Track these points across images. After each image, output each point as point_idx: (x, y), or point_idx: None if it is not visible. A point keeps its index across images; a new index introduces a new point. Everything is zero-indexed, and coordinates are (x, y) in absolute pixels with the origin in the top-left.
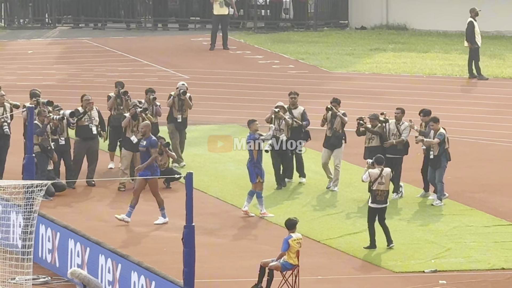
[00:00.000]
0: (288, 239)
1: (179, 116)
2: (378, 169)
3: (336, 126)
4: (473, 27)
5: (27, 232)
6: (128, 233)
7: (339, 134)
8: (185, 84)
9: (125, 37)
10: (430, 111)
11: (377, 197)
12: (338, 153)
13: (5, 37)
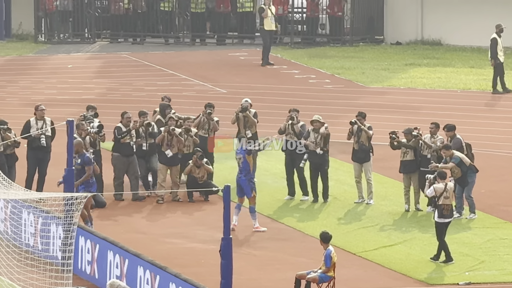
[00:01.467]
0: (330, 253)
1: (247, 133)
2: (442, 184)
3: (362, 139)
4: (496, 43)
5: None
6: (166, 245)
7: (366, 147)
8: (249, 100)
9: (163, 52)
10: (454, 126)
11: (443, 211)
12: (367, 167)
13: (45, 52)
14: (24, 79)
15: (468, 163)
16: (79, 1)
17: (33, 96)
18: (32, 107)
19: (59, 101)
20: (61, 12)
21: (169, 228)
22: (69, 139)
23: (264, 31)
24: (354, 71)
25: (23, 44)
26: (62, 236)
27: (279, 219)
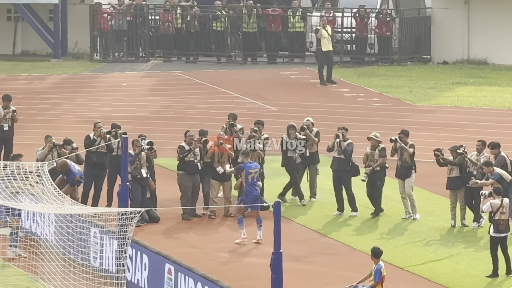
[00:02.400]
0: (381, 268)
1: (306, 151)
2: (499, 200)
3: (405, 157)
4: None
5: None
6: (218, 259)
7: (408, 164)
8: (310, 119)
9: (216, 70)
10: (498, 143)
11: (499, 227)
12: (409, 183)
13: (100, 70)
14: (80, 96)
15: (509, 180)
16: (133, 20)
17: (88, 114)
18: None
19: (114, 118)
20: (116, 31)
21: (221, 242)
22: (123, 155)
23: (321, 51)
24: (401, 90)
25: (79, 62)
26: (116, 250)
27: (328, 234)
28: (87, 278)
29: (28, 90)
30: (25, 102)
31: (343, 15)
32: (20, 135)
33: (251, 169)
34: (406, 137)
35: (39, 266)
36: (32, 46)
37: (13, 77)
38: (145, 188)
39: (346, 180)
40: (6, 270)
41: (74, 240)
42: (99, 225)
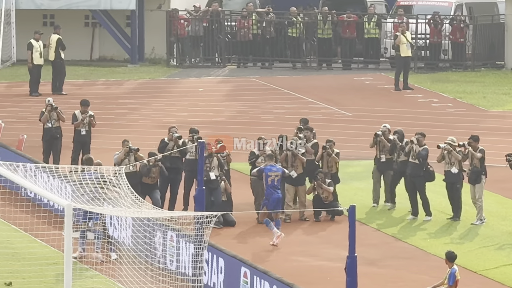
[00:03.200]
0: (455, 272)
1: (382, 157)
2: None
3: (474, 162)
4: None
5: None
6: (293, 263)
7: (478, 169)
8: (387, 126)
9: (291, 76)
10: None
11: None
12: (478, 188)
13: (177, 76)
14: (157, 101)
15: None
16: (210, 26)
17: (165, 118)
18: (163, 129)
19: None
20: (193, 37)
21: (296, 246)
22: (199, 160)
23: (399, 57)
24: (475, 95)
25: (156, 68)
26: (193, 253)
27: (402, 238)
28: (164, 281)
29: (105, 95)
30: (103, 107)
31: (417, 21)
32: (97, 140)
33: (271, 172)
34: (475, 143)
35: (117, 269)
36: (110, 51)
37: (91, 83)
38: (216, 191)
39: (420, 185)
40: (84, 273)
41: (150, 244)
42: (175, 228)
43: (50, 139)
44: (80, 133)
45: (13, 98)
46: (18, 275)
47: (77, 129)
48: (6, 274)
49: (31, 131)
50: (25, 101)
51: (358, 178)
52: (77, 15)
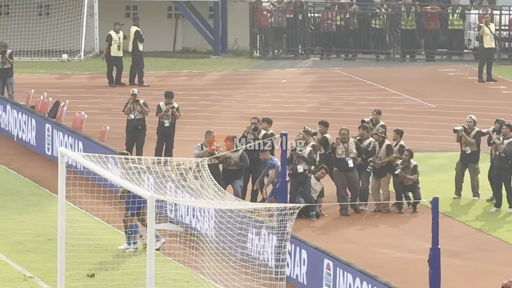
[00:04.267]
0: None
1: (467, 149)
2: None
3: None
4: None
5: (280, 252)
6: (376, 255)
7: None
8: (473, 117)
9: (374, 68)
10: None
11: None
12: None
13: (260, 67)
14: (239, 93)
15: None
16: (293, 18)
17: (247, 110)
18: (246, 121)
19: (273, 115)
20: (276, 28)
21: (379, 238)
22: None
23: (482, 49)
24: None
25: (239, 59)
26: (276, 245)
27: (486, 230)
28: (246, 273)
29: (188, 87)
30: (185, 98)
31: (501, 13)
32: (180, 131)
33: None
34: None
35: (199, 261)
36: (193, 43)
37: (174, 74)
38: (305, 185)
39: (506, 177)
40: (166, 265)
41: (233, 235)
42: (258, 220)
43: (133, 130)
44: (163, 124)
45: (95, 90)
46: (101, 267)
47: (161, 121)
48: (89, 265)
49: (114, 122)
50: (108, 92)
51: (442, 170)
52: (160, 7)
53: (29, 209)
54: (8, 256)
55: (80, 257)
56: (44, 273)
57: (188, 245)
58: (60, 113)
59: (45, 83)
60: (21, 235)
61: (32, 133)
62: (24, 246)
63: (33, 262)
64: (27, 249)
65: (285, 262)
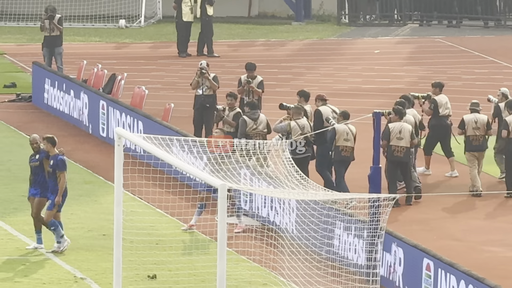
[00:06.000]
0: None
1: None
2: None
3: None
4: None
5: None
6: (484, 254)
7: None
8: None
9: (482, 36)
10: None
11: None
12: None
13: (349, 35)
14: (325, 65)
15: None
16: None
17: (334, 85)
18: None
19: (364, 91)
20: None
21: (487, 234)
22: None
23: None
24: None
25: (324, 26)
26: (367, 242)
27: None
28: (333, 274)
29: (265, 58)
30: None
31: None
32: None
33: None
34: None
35: (278, 260)
36: (271, 7)
37: (249, 43)
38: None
39: None
40: (240, 265)
41: (318, 231)
42: (347, 213)
43: (200, 108)
44: (243, 101)
45: (158, 61)
46: (163, 267)
47: (242, 97)
48: (150, 265)
49: (179, 99)
50: (173, 64)
51: None
52: None
53: (80, 200)
54: (56, 255)
55: (140, 256)
56: (98, 273)
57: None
58: (116, 88)
59: (99, 53)
60: (72, 229)
61: (84, 111)
62: (75, 242)
63: (85, 261)
64: (78, 246)
65: (378, 262)
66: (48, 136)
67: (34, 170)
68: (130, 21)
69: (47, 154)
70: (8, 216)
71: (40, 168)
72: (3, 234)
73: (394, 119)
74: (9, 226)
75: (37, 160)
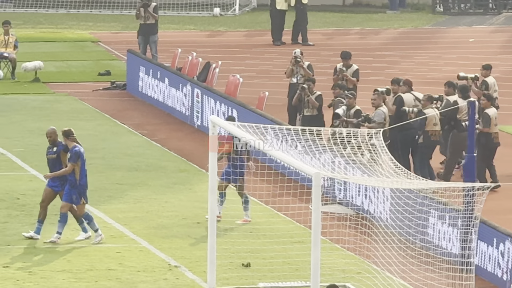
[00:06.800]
0: None
1: None
2: None
3: None
4: None
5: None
6: None
7: None
8: None
9: None
10: None
11: None
12: None
13: (443, 24)
14: (420, 54)
15: None
16: None
17: (429, 74)
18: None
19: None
20: None
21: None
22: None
23: None
24: None
25: (419, 15)
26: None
27: None
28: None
29: (360, 46)
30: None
31: None
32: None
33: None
34: None
35: (372, 249)
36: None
37: (343, 31)
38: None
39: None
40: (334, 253)
41: (412, 219)
42: (441, 202)
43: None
44: None
45: (252, 49)
46: (257, 255)
47: None
48: (244, 253)
49: (273, 87)
50: (267, 52)
51: None
52: None
53: (174, 188)
54: (150, 242)
55: (234, 244)
56: (192, 261)
57: (359, 231)
58: (211, 76)
59: (194, 41)
60: (166, 217)
61: (179, 99)
62: (169, 230)
63: (179, 249)
64: (172, 234)
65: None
66: (63, 130)
67: (51, 162)
68: (225, 9)
69: (66, 147)
70: (102, 204)
71: (57, 161)
72: (98, 222)
73: (486, 105)
74: (103, 214)
75: (54, 153)
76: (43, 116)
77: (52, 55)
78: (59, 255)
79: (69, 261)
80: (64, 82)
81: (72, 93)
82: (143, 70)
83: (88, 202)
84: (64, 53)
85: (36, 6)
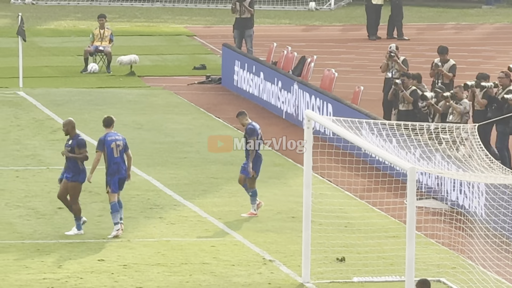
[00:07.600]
0: None
1: None
2: None
3: None
4: None
5: None
6: None
7: None
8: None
9: None
10: None
11: None
12: None
13: None
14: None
15: None
16: None
17: None
18: None
19: None
20: None
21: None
22: None
23: None
24: None
25: None
26: None
27: None
28: None
29: (456, 41)
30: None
31: None
32: None
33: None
34: None
35: (467, 244)
36: None
37: (438, 26)
38: None
39: None
40: (429, 248)
41: (508, 214)
42: None
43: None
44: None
45: (348, 44)
46: (352, 249)
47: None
48: (339, 248)
49: (369, 81)
50: (362, 47)
51: None
52: None
53: (269, 182)
54: (245, 236)
55: (329, 238)
56: (287, 256)
57: (454, 226)
58: (306, 70)
59: (289, 35)
60: (261, 211)
61: (274, 93)
62: (264, 224)
63: (274, 243)
64: (267, 228)
65: None
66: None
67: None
68: (320, 3)
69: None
70: (197, 198)
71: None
72: (193, 215)
73: None
74: (198, 208)
75: (70, 146)
76: (138, 110)
77: (147, 49)
78: (154, 249)
79: (164, 254)
80: (159, 76)
81: (167, 87)
82: (238, 64)
83: (114, 191)
84: (159, 47)
85: (131, 0)
